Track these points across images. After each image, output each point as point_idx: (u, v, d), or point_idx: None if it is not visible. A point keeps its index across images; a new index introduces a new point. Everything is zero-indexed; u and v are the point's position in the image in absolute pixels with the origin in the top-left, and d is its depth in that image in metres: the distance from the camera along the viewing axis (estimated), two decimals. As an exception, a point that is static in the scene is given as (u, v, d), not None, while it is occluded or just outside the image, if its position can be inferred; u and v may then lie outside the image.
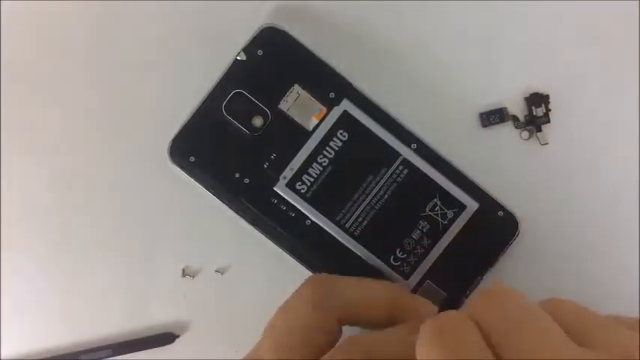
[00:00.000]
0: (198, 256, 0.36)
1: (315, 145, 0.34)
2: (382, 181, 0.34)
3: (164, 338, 0.35)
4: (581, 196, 0.35)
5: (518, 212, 0.34)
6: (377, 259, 0.34)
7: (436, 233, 0.34)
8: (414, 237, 0.34)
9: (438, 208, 0.34)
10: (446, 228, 0.34)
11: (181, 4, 0.35)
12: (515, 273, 0.35)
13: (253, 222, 0.34)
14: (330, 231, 0.34)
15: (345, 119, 0.34)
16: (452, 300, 0.34)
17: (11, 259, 0.36)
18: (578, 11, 0.35)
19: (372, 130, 0.34)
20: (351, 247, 0.34)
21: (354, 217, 0.34)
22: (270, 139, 0.34)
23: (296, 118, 0.34)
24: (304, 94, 0.34)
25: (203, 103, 0.34)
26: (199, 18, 0.35)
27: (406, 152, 0.34)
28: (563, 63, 0.35)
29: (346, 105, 0.34)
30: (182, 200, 0.35)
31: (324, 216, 0.34)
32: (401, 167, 0.34)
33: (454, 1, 0.35)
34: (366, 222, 0.34)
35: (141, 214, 0.36)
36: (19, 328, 0.36)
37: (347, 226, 0.34)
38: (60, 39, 0.35)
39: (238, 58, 0.34)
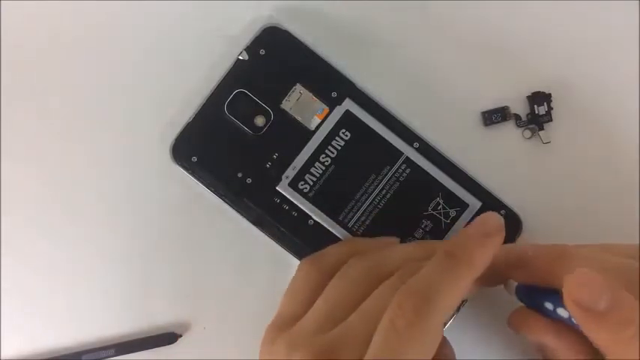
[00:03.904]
0: (200, 255, 0.36)
1: (317, 145, 0.34)
2: (385, 181, 0.34)
3: (166, 338, 0.35)
4: (584, 195, 0.35)
5: (520, 211, 0.34)
6: (380, 259, 0.34)
7: (439, 232, 0.34)
8: (416, 236, 0.34)
9: (440, 207, 0.34)
10: (449, 227, 0.34)
11: (183, 4, 0.35)
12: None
13: (255, 222, 0.34)
14: (332, 230, 0.34)
15: (348, 118, 0.34)
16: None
17: (12, 258, 0.36)
18: (579, 10, 0.35)
19: (375, 129, 0.34)
20: (353, 247, 0.34)
21: (356, 217, 0.34)
22: (273, 138, 0.34)
23: (298, 118, 0.34)
24: (306, 94, 0.34)
25: (205, 102, 0.34)
26: (201, 17, 0.35)
27: (409, 151, 0.34)
28: (564, 61, 0.35)
29: (348, 104, 0.34)
30: (184, 200, 0.35)
31: (327, 215, 0.34)
32: (403, 166, 0.34)
33: (455, 1, 0.35)
34: (368, 221, 0.34)
35: (143, 213, 0.36)
36: (20, 328, 0.36)
37: (350, 225, 0.34)
38: (60, 39, 0.35)
39: (240, 57, 0.34)
